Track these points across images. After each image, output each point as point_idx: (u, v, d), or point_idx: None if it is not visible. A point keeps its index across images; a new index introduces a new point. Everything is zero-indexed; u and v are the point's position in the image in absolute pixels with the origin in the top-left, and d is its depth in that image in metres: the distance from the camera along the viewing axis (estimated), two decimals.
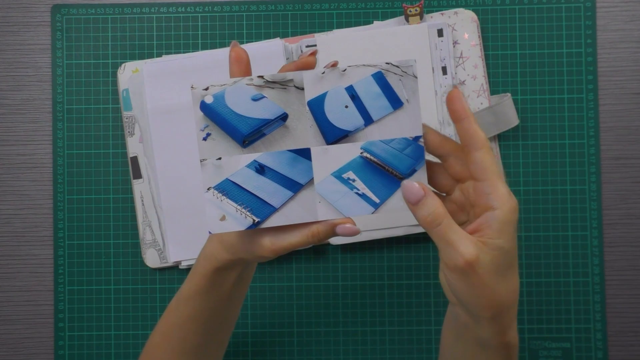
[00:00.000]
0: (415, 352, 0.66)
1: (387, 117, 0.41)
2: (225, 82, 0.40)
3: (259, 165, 0.41)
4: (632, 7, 0.67)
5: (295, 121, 0.41)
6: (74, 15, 0.68)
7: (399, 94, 0.41)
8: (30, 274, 0.67)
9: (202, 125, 0.41)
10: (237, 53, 0.42)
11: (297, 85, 0.41)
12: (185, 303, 0.49)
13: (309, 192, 0.41)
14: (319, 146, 0.41)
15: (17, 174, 0.68)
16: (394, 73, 0.41)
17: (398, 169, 0.41)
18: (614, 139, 0.67)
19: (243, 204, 0.41)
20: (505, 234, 0.38)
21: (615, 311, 0.66)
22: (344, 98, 0.41)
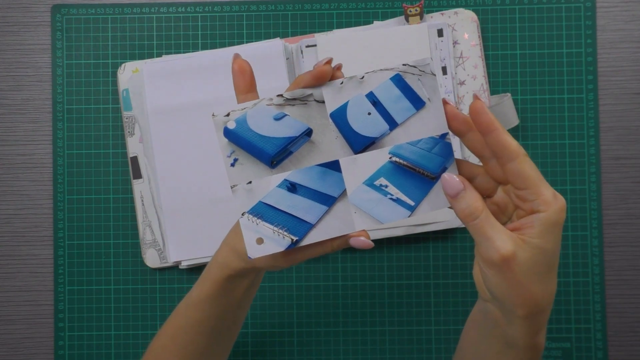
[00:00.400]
0: (415, 352, 0.66)
1: (411, 118, 0.41)
2: (245, 105, 0.40)
3: (290, 183, 0.41)
4: (632, 7, 0.67)
5: (320, 135, 0.41)
6: (74, 15, 0.68)
7: (419, 93, 0.41)
8: (30, 274, 0.67)
9: (228, 151, 0.40)
10: (239, 65, 0.42)
11: (317, 99, 0.40)
12: (195, 307, 0.49)
13: (343, 204, 0.41)
14: (347, 157, 0.41)
15: (17, 174, 0.68)
16: (411, 74, 0.41)
17: (428, 169, 0.41)
18: (614, 139, 0.67)
19: (279, 225, 0.41)
20: (547, 235, 0.37)
21: (615, 311, 0.66)
22: (366, 105, 0.41)
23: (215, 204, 0.65)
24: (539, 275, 0.37)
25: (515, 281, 0.37)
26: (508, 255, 0.36)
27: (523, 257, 0.37)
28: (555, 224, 0.37)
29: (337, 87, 0.40)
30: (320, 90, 0.40)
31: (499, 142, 0.38)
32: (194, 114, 0.66)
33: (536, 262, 0.37)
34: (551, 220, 0.37)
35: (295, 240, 0.41)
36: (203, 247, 0.65)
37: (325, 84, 0.40)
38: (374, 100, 0.41)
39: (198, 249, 0.65)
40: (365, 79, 0.41)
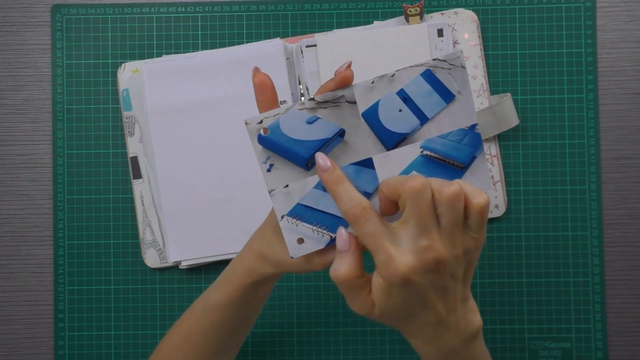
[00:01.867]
0: (415, 352, 0.66)
1: (441, 112, 0.42)
2: (277, 111, 0.41)
3: None
4: (632, 7, 0.67)
5: (353, 135, 0.41)
6: (74, 15, 0.68)
7: (449, 87, 0.41)
8: (30, 274, 0.67)
9: (263, 157, 0.41)
10: (260, 80, 0.42)
11: (349, 100, 0.41)
12: (214, 311, 0.49)
13: (377, 199, 0.42)
14: (380, 153, 0.42)
15: (17, 174, 0.68)
16: (442, 68, 0.41)
17: (458, 159, 0.42)
18: (614, 139, 0.67)
19: (318, 224, 0.42)
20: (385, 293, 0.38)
21: (615, 311, 0.66)
22: (397, 102, 0.41)
23: (215, 204, 0.65)
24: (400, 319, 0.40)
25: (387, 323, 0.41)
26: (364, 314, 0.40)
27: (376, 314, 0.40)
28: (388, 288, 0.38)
29: (368, 87, 0.41)
30: (352, 91, 0.41)
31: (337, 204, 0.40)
32: (194, 113, 0.66)
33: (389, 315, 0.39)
34: (382, 286, 0.38)
35: (334, 237, 0.42)
36: (203, 247, 0.65)
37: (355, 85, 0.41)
38: (405, 97, 0.41)
39: (198, 249, 0.65)
40: (396, 77, 0.41)
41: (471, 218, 0.38)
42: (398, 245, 0.37)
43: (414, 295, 0.38)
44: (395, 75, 0.41)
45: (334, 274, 0.39)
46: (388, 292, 0.38)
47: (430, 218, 0.37)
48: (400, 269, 0.37)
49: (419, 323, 0.40)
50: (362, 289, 0.39)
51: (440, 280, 0.38)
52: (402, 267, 0.37)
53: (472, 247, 0.39)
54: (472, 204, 0.38)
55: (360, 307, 0.40)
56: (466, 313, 0.40)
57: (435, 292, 0.38)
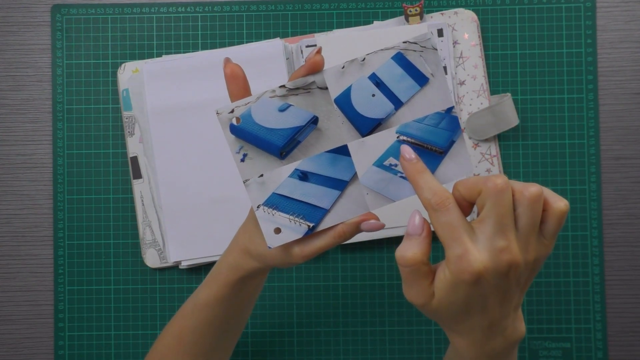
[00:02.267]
0: (415, 352, 0.66)
1: (416, 95, 0.41)
2: (249, 100, 0.40)
3: (301, 172, 0.41)
4: (632, 7, 0.67)
5: (326, 121, 0.41)
6: (74, 15, 0.68)
7: (422, 70, 0.41)
8: (30, 274, 0.67)
9: (236, 147, 0.41)
10: (231, 70, 0.41)
11: (320, 86, 0.40)
12: (203, 309, 0.49)
13: (355, 186, 0.42)
14: (354, 140, 0.41)
15: (17, 174, 0.68)
16: (413, 50, 0.40)
17: (437, 144, 0.41)
18: (614, 139, 0.67)
19: (295, 213, 0.42)
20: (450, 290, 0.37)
21: (615, 311, 0.66)
22: (369, 87, 0.41)
23: (215, 204, 0.65)
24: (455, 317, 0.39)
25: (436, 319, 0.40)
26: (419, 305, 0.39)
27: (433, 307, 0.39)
28: (455, 282, 0.37)
29: (339, 72, 0.40)
30: (322, 77, 0.40)
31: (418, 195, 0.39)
32: (193, 114, 0.66)
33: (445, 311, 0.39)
34: (449, 279, 0.37)
35: (312, 226, 0.42)
36: (203, 247, 0.65)
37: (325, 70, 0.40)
38: (377, 81, 0.41)
39: (198, 249, 0.65)
40: (367, 61, 0.40)
41: (548, 223, 0.38)
42: (475, 242, 0.36)
43: (477, 295, 0.37)
44: (365, 59, 0.40)
45: (400, 256, 0.38)
46: (453, 287, 0.37)
47: (510, 218, 0.36)
48: (475, 265, 0.36)
49: (471, 324, 0.39)
50: (424, 277, 0.38)
51: (506, 284, 0.37)
52: (477, 264, 0.36)
53: (543, 255, 0.38)
54: (552, 208, 0.37)
55: (417, 295, 0.39)
56: (515, 320, 0.40)
57: (497, 296, 0.37)
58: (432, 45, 0.40)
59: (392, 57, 0.40)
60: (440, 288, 0.38)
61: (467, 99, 0.66)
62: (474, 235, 0.37)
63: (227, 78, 0.41)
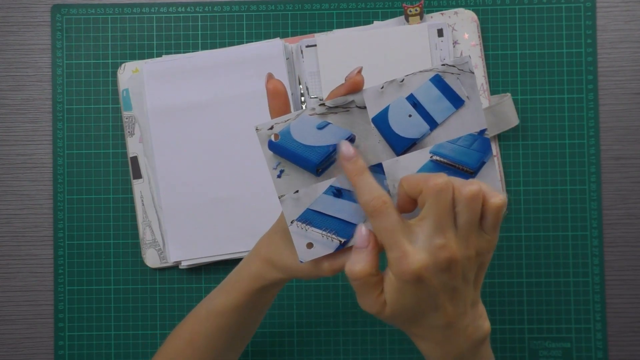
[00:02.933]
0: (415, 352, 0.66)
1: (451, 117, 0.42)
2: (288, 117, 0.41)
3: (335, 189, 0.42)
4: (632, 7, 0.67)
5: (363, 140, 0.41)
6: (74, 15, 0.68)
7: (458, 92, 0.41)
8: (30, 274, 0.67)
9: (274, 163, 0.41)
10: (274, 86, 0.42)
11: (359, 105, 0.41)
12: (219, 316, 0.49)
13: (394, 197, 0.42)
14: (390, 159, 0.42)
15: (17, 174, 0.68)
16: (450, 73, 0.41)
17: (468, 165, 0.42)
18: (614, 139, 0.67)
19: (327, 229, 0.42)
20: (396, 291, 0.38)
21: (615, 311, 0.66)
22: (407, 108, 0.42)
23: (216, 204, 0.65)
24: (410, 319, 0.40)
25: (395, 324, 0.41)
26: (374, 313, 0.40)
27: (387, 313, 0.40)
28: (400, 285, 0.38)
29: (378, 92, 0.41)
30: (362, 96, 0.41)
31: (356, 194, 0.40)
32: (193, 114, 0.66)
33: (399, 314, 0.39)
34: (393, 283, 0.38)
35: (344, 241, 0.42)
36: (203, 247, 0.65)
37: (365, 90, 0.41)
38: (415, 102, 0.42)
39: (198, 249, 0.65)
40: (405, 82, 0.41)
41: (487, 218, 0.38)
42: (413, 243, 0.37)
43: (425, 295, 0.38)
44: (404, 80, 0.41)
45: (349, 270, 0.39)
46: (400, 290, 0.38)
47: (449, 217, 0.37)
48: (413, 266, 0.37)
49: (428, 325, 0.40)
50: (374, 287, 0.39)
51: (451, 281, 0.38)
52: (415, 264, 0.37)
53: (485, 249, 0.39)
54: (489, 204, 0.38)
55: (371, 305, 0.40)
56: (475, 318, 0.40)
57: (446, 293, 0.38)
58: (469, 69, 0.41)
59: (430, 79, 0.41)
60: (389, 293, 0.39)
61: None
62: (412, 235, 0.38)
63: (269, 94, 0.42)
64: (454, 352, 0.40)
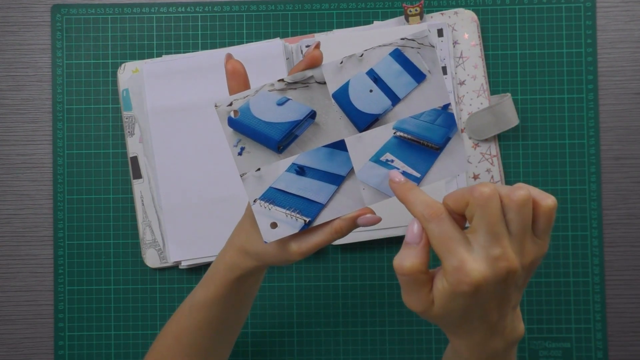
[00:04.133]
0: (415, 352, 0.66)
1: (413, 92, 0.41)
2: (247, 93, 0.40)
3: (298, 167, 0.41)
4: (632, 7, 0.67)
5: (324, 116, 0.41)
6: (74, 15, 0.68)
7: (419, 66, 0.41)
8: (30, 274, 0.67)
9: (234, 141, 0.41)
10: (233, 66, 0.41)
11: (318, 81, 0.41)
12: (200, 309, 0.49)
13: (351, 181, 0.42)
14: (352, 135, 0.41)
15: (17, 174, 0.68)
16: (410, 47, 0.41)
17: (433, 140, 0.41)
18: (614, 139, 0.67)
19: (291, 208, 0.42)
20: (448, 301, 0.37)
21: (615, 311, 0.66)
22: (367, 83, 0.41)
23: (215, 204, 0.65)
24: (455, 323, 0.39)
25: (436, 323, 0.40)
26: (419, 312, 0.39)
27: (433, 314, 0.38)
28: (453, 294, 0.36)
29: (337, 67, 0.41)
30: (320, 71, 0.40)
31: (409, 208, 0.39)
32: (193, 114, 0.66)
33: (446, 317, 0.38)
34: (447, 290, 0.37)
35: (308, 221, 0.42)
36: (203, 247, 0.65)
37: (323, 65, 0.40)
38: (375, 77, 0.41)
39: (198, 249, 0.65)
40: (365, 57, 0.41)
41: (539, 222, 0.37)
42: (471, 252, 0.36)
43: (476, 304, 0.37)
44: (364, 55, 0.41)
45: (398, 265, 0.38)
46: (452, 297, 0.37)
47: (501, 225, 0.36)
48: (473, 275, 0.35)
49: (472, 329, 0.39)
50: (423, 285, 0.38)
51: (505, 290, 0.37)
52: (475, 274, 0.35)
53: (539, 255, 0.38)
54: (541, 207, 0.37)
55: (416, 304, 0.38)
56: (514, 319, 0.40)
57: (495, 301, 0.37)
58: (429, 42, 0.40)
59: (390, 54, 0.41)
60: (439, 297, 0.37)
61: (467, 99, 0.66)
62: (469, 245, 0.36)
63: (228, 74, 0.41)
64: (488, 351, 0.39)
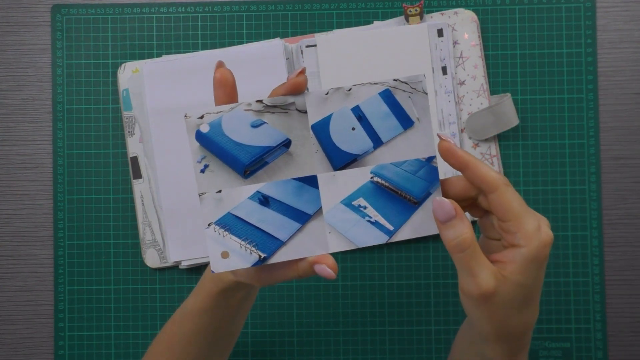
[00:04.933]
0: (415, 352, 0.66)
1: (398, 137, 0.39)
2: (222, 108, 0.38)
3: (262, 196, 0.38)
4: (632, 7, 0.67)
5: (299, 147, 0.38)
6: (74, 15, 0.68)
7: (408, 112, 0.38)
8: (30, 274, 0.67)
9: (198, 156, 0.38)
10: (222, 75, 0.38)
11: (299, 109, 0.38)
12: (190, 318, 0.49)
13: (317, 222, 0.38)
14: (326, 173, 0.38)
15: (17, 174, 0.68)
16: (402, 90, 0.38)
17: (411, 193, 0.39)
18: (614, 139, 0.67)
19: (247, 239, 0.38)
20: (529, 271, 0.36)
21: (615, 311, 0.66)
22: (351, 120, 0.38)
23: None
24: (517, 309, 0.37)
25: (492, 315, 0.37)
26: (488, 292, 0.36)
27: (502, 293, 0.36)
28: (536, 259, 0.36)
29: (321, 98, 0.38)
30: (303, 99, 0.38)
31: (477, 176, 0.37)
32: None
33: (515, 298, 0.36)
34: (531, 256, 0.36)
35: (264, 257, 0.38)
36: (203, 247, 0.65)
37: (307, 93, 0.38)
38: (360, 115, 0.38)
39: (198, 249, 0.65)
40: (353, 92, 0.38)
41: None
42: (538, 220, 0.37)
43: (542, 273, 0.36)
44: (352, 89, 0.38)
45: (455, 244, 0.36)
46: (532, 266, 0.36)
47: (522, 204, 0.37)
48: (551, 236, 0.36)
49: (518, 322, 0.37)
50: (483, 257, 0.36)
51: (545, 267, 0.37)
52: (550, 235, 0.36)
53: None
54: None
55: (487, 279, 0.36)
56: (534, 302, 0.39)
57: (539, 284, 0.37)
58: (422, 88, 0.38)
59: (379, 93, 0.38)
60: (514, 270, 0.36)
61: (467, 99, 0.66)
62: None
63: (215, 82, 0.39)
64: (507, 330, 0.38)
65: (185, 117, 0.37)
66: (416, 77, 0.38)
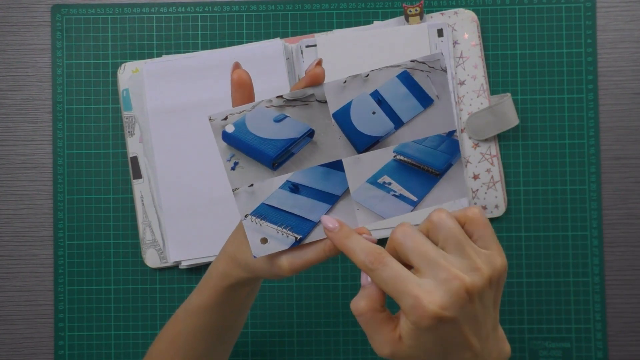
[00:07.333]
0: None
1: (418, 116, 0.40)
2: (244, 108, 0.39)
3: (292, 184, 0.41)
4: (632, 7, 0.67)
5: (322, 135, 0.40)
6: (74, 15, 0.68)
7: (427, 90, 0.40)
8: (30, 274, 0.67)
9: (227, 155, 0.40)
10: (239, 76, 0.40)
11: (319, 99, 0.39)
12: (194, 315, 0.49)
13: (346, 201, 0.41)
14: (350, 156, 0.40)
15: (17, 174, 0.68)
16: (420, 70, 0.39)
17: (433, 166, 0.40)
18: (614, 139, 0.67)
19: (283, 224, 0.41)
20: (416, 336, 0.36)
21: (615, 311, 0.66)
22: (370, 104, 0.40)
23: (215, 204, 0.65)
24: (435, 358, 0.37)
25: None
26: (385, 355, 0.37)
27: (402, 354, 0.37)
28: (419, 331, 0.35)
29: (340, 86, 0.39)
30: (322, 90, 0.39)
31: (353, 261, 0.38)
32: (193, 114, 0.66)
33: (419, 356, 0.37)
34: (412, 330, 0.36)
35: (299, 238, 0.41)
36: (203, 247, 0.65)
37: (325, 84, 0.39)
38: (379, 99, 0.40)
39: (198, 249, 0.65)
40: (370, 77, 0.39)
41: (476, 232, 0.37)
42: (422, 285, 0.35)
43: (447, 333, 0.36)
44: (369, 75, 0.39)
45: (355, 307, 0.38)
46: (419, 335, 0.36)
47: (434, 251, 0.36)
48: (431, 309, 0.35)
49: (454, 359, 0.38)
50: (384, 324, 0.37)
51: (474, 312, 0.36)
52: (432, 307, 0.35)
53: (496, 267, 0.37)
54: (468, 216, 0.37)
55: (383, 345, 0.37)
56: (498, 341, 0.38)
57: (468, 325, 0.36)
58: (441, 66, 0.39)
59: (397, 75, 0.39)
60: (407, 338, 0.36)
61: (467, 99, 0.66)
62: (418, 279, 0.36)
63: (233, 84, 0.40)
64: None
65: (210, 120, 0.39)
66: (433, 55, 0.39)
